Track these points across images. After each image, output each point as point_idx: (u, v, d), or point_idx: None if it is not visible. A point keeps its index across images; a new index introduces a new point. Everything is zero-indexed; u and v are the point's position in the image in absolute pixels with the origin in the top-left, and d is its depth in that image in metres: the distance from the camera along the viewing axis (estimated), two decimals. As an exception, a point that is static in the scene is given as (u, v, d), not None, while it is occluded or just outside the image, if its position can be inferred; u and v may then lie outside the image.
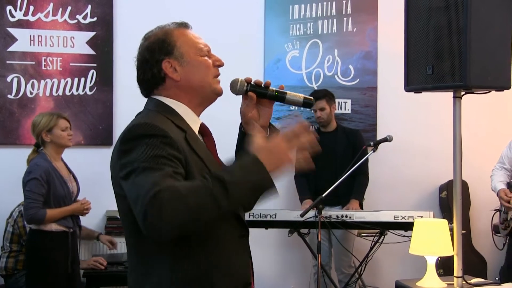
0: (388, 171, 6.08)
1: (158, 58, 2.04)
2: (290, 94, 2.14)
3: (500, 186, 4.92)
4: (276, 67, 6.00)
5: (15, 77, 5.50)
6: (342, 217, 4.65)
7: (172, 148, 1.85)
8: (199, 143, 2.03)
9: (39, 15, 5.55)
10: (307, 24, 6.05)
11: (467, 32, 3.11)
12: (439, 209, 6.15)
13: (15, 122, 5.50)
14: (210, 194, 1.73)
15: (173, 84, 2.05)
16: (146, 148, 1.82)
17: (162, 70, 2.04)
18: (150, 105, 2.08)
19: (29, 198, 4.27)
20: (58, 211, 4.35)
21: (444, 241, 3.54)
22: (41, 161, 4.38)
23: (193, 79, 2.06)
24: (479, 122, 6.07)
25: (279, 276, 5.99)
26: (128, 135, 1.91)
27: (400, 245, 4.52)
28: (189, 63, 2.05)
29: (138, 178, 1.77)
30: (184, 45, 2.07)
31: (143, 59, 2.07)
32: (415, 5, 3.42)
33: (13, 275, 4.97)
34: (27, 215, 4.29)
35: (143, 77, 2.08)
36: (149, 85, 2.08)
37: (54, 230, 4.35)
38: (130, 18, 5.66)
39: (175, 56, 2.04)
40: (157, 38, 2.07)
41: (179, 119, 2.02)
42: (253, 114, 2.16)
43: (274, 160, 1.83)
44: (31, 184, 4.28)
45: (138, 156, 1.82)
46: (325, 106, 5.47)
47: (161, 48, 2.04)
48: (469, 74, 3.12)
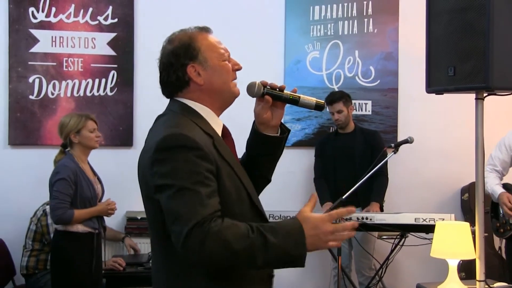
0: (409, 173, 6.04)
1: (184, 62, 2.11)
2: (304, 98, 2.24)
3: (499, 189, 4.74)
4: (296, 68, 5.99)
5: (36, 78, 5.54)
6: (362, 219, 4.62)
7: (205, 161, 1.95)
8: (225, 147, 2.11)
9: (60, 16, 5.59)
10: (327, 25, 6.03)
11: (489, 33, 3.07)
12: (460, 212, 6.10)
13: (37, 123, 5.55)
14: (252, 247, 1.85)
15: (197, 88, 2.13)
16: (181, 163, 1.92)
17: (187, 74, 2.11)
18: (175, 106, 2.14)
19: (57, 198, 4.27)
20: (84, 212, 4.36)
21: (466, 244, 3.50)
22: (68, 161, 4.39)
23: (215, 83, 2.13)
24: (501, 123, 6.00)
25: (298, 278, 5.97)
26: (163, 144, 1.96)
27: (421, 247, 4.48)
28: (212, 68, 2.13)
29: (177, 199, 1.89)
30: (208, 50, 2.14)
31: (168, 62, 2.13)
32: (436, 7, 3.39)
33: (33, 274, 5.01)
34: (54, 216, 4.28)
35: (167, 79, 2.15)
36: (173, 88, 2.15)
37: (80, 231, 4.35)
38: (151, 19, 5.68)
39: (199, 61, 2.11)
40: (182, 43, 2.13)
41: (205, 122, 2.11)
42: (267, 115, 2.26)
43: (315, 236, 1.93)
44: (59, 184, 4.29)
45: (174, 171, 1.91)
46: (342, 108, 5.46)
47: (186, 53, 2.11)
48: (491, 75, 3.08)
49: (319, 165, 5.65)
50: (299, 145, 5.98)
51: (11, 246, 5.24)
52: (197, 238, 1.82)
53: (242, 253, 1.84)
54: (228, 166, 2.04)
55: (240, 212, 2.02)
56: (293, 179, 5.95)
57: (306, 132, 6.00)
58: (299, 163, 5.95)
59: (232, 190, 2.02)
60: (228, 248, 1.83)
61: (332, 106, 5.48)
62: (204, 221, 1.83)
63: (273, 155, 2.34)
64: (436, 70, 3.42)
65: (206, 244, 1.82)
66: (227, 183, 2.00)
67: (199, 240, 1.82)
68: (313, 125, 6.00)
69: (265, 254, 1.85)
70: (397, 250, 4.73)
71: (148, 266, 4.90)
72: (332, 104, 5.48)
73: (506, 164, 4.83)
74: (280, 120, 2.30)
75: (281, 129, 2.32)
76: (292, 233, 1.90)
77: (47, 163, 4.55)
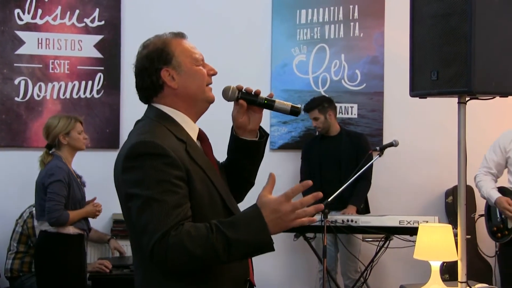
0: (394, 176, 6.08)
1: (157, 66, 2.13)
2: (278, 102, 2.25)
3: (496, 194, 4.68)
4: (283, 71, 6.01)
5: (22, 80, 5.53)
6: (347, 221, 4.65)
7: (174, 168, 1.98)
8: (198, 151, 2.15)
9: (47, 18, 5.58)
10: (314, 29, 6.06)
11: (472, 38, 3.11)
12: (445, 214, 6.14)
13: (22, 125, 5.53)
14: (212, 248, 1.89)
15: (171, 92, 2.15)
16: (150, 172, 1.96)
17: (161, 78, 2.14)
18: (151, 113, 2.18)
19: (53, 200, 4.27)
20: (76, 214, 4.37)
21: (449, 246, 3.53)
22: (61, 163, 4.39)
23: (189, 87, 2.16)
24: (486, 127, 6.06)
25: (284, 281, 5.99)
26: (132, 151, 2.01)
27: (405, 250, 4.52)
28: (186, 72, 2.15)
29: (144, 211, 1.93)
30: (182, 55, 2.16)
31: (142, 67, 2.16)
32: (420, 12, 3.43)
33: (18, 277, 4.99)
34: (51, 218, 4.26)
35: (142, 84, 2.18)
36: (148, 93, 2.18)
37: (71, 233, 4.36)
38: (138, 22, 5.68)
39: (173, 65, 2.14)
40: (156, 47, 2.16)
41: (179, 128, 2.13)
42: (243, 119, 2.28)
43: (277, 219, 1.95)
44: (55, 186, 4.29)
45: (142, 180, 1.96)
46: (318, 116, 5.48)
47: (160, 57, 2.14)
48: (473, 80, 3.12)
49: (306, 168, 5.67)
50: (285, 148, 6.01)
51: (-5, 249, 5.23)
52: (161, 251, 1.88)
53: (204, 256, 1.89)
54: (201, 170, 2.07)
55: (212, 215, 2.03)
56: (279, 182, 5.86)
57: (293, 135, 6.02)
58: (286, 166, 5.96)
59: (204, 193, 2.05)
60: (189, 255, 1.88)
61: (309, 114, 5.55)
62: (167, 232, 1.89)
63: (253, 159, 2.36)
64: (419, 74, 3.46)
65: (168, 256, 1.88)
66: (199, 187, 2.03)
67: (163, 252, 1.88)
68: (299, 128, 6.03)
69: (229, 251, 1.89)
70: (381, 252, 4.76)
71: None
72: (307, 112, 5.56)
73: (501, 166, 4.79)
74: (258, 125, 2.32)
75: (260, 134, 2.34)
76: (253, 223, 1.93)
77: (33, 165, 4.55)
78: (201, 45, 6.46)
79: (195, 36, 6.07)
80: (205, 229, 1.91)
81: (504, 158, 4.75)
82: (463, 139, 3.46)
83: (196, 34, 5.70)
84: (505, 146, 4.73)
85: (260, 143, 2.34)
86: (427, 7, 3.36)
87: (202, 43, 6.22)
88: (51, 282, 4.37)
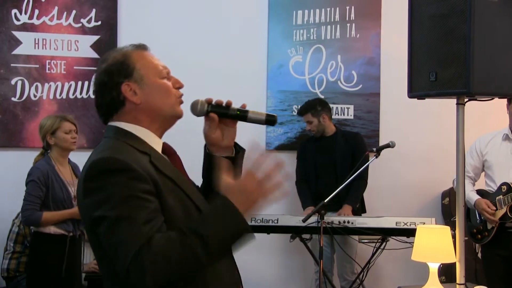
0: (390, 177, 6.08)
1: (118, 81, 1.98)
2: (252, 113, 2.11)
3: (475, 196, 4.72)
4: (279, 72, 6.01)
5: (19, 80, 5.52)
6: (344, 222, 4.65)
7: (140, 182, 1.82)
8: (165, 162, 2.00)
9: (43, 18, 5.57)
10: (310, 30, 6.06)
11: (471, 39, 3.11)
12: (441, 216, 6.15)
13: (19, 125, 5.52)
14: (190, 251, 1.74)
15: (133, 108, 1.99)
16: (114, 190, 1.79)
17: (122, 94, 1.98)
18: (110, 133, 2.01)
19: (26, 200, 4.33)
20: (56, 214, 4.35)
21: (447, 248, 3.53)
22: (42, 163, 4.39)
23: (153, 101, 2.00)
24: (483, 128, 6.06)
25: (280, 282, 5.98)
26: (91, 172, 1.85)
27: (402, 251, 4.52)
28: (149, 86, 2.00)
29: (113, 233, 1.76)
30: (144, 68, 2.01)
31: (102, 82, 2.01)
32: (418, 12, 3.43)
33: (14, 277, 4.99)
34: (23, 217, 4.35)
35: (102, 101, 2.02)
36: (108, 110, 2.02)
37: (52, 233, 4.35)
38: (134, 22, 5.68)
39: (134, 79, 1.99)
40: (116, 61, 2.01)
41: (141, 142, 1.98)
42: (216, 135, 2.14)
43: (246, 200, 1.82)
44: (29, 186, 4.33)
45: (107, 199, 1.79)
46: (311, 119, 5.47)
47: (120, 71, 1.99)
48: (472, 81, 3.12)
49: (301, 168, 5.66)
50: (281, 149, 6.00)
51: (-8, 249, 5.21)
52: (138, 269, 1.71)
53: (183, 261, 1.74)
54: (170, 181, 1.92)
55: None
56: (275, 183, 5.95)
57: (289, 136, 6.02)
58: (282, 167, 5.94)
59: (176, 205, 1.90)
60: (168, 264, 1.73)
61: (302, 117, 5.56)
62: (140, 250, 1.72)
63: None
64: (417, 75, 3.45)
65: (147, 272, 1.70)
66: (170, 198, 1.88)
67: (140, 270, 1.71)
68: (295, 129, 6.02)
69: (207, 248, 1.74)
70: (378, 253, 4.76)
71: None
72: (300, 115, 5.57)
73: (478, 170, 4.84)
74: (233, 140, 2.17)
75: (235, 150, 2.19)
76: (222, 212, 1.80)
77: (29, 165, 4.54)
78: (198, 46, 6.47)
79: (192, 37, 6.09)
80: (177, 234, 1.76)
81: (481, 161, 4.80)
82: (461, 140, 3.46)
83: (192, 35, 5.74)
84: (481, 150, 4.80)
85: (237, 159, 2.17)
86: (425, 7, 3.36)
87: (199, 44, 6.22)
88: (35, 281, 4.40)
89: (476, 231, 4.79)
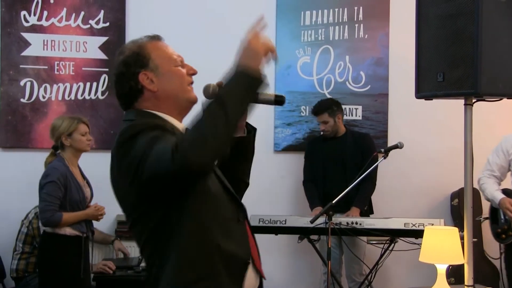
0: (399, 178, 6.06)
1: (135, 71, 2.12)
2: (262, 94, 2.16)
3: (500, 195, 4.71)
4: (287, 73, 6.00)
5: (28, 81, 5.54)
6: (352, 224, 4.64)
7: (165, 131, 1.97)
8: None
9: (52, 20, 5.59)
10: (318, 30, 6.05)
11: (478, 39, 3.10)
12: (450, 217, 6.12)
13: (28, 126, 5.54)
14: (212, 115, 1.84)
15: (151, 95, 2.13)
16: (145, 139, 1.91)
17: (139, 82, 2.12)
18: (130, 116, 2.14)
19: (46, 200, 4.28)
20: (73, 215, 4.36)
21: (455, 249, 3.52)
22: (59, 164, 4.39)
23: (169, 89, 2.14)
24: (492, 128, 6.04)
25: (288, 283, 5.97)
26: (123, 137, 1.98)
27: (410, 252, 4.50)
28: (164, 74, 2.14)
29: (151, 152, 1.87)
30: (158, 57, 2.15)
31: (120, 73, 2.15)
32: (426, 13, 3.42)
33: (23, 277, 5.01)
34: (43, 218, 4.29)
35: (121, 91, 2.16)
36: (128, 99, 2.16)
37: (68, 234, 4.35)
38: (142, 24, 5.68)
39: (150, 68, 2.13)
40: (132, 52, 2.15)
41: (163, 120, 2.11)
42: None
43: (248, 52, 2.00)
44: (49, 187, 4.30)
45: (140, 148, 1.90)
46: (328, 119, 5.44)
47: (136, 61, 2.13)
48: (480, 81, 3.11)
49: (309, 168, 5.64)
50: (289, 150, 5.99)
51: (1, 249, 5.23)
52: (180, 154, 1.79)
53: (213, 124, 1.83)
54: None
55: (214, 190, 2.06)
56: (283, 184, 5.96)
57: (297, 136, 6.01)
58: (290, 167, 5.95)
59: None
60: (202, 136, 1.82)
61: (317, 117, 5.50)
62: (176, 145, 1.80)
63: (244, 157, 2.30)
64: (425, 76, 3.45)
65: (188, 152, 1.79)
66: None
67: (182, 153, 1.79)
68: (303, 129, 6.01)
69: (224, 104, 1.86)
70: (386, 255, 4.74)
71: (138, 270, 4.90)
72: (316, 115, 5.51)
73: (504, 169, 4.82)
74: (245, 120, 2.26)
75: (247, 130, 2.30)
76: (230, 72, 1.96)
77: (38, 166, 4.55)
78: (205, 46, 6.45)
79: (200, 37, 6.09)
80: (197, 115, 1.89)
81: (507, 161, 4.78)
82: (469, 141, 3.45)
83: (199, 35, 5.76)
84: (507, 149, 4.77)
85: (249, 138, 2.29)
86: (433, 8, 3.36)
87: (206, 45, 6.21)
88: (49, 282, 4.39)
89: (500, 231, 4.78)
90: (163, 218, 2.00)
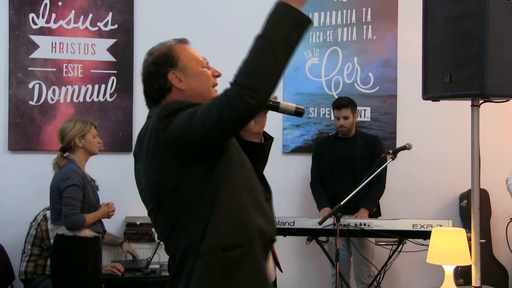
0: (407, 179, 6.05)
1: (164, 70, 2.23)
2: (283, 104, 2.26)
3: None
4: (295, 74, 6.00)
5: (36, 83, 5.56)
6: (360, 225, 4.63)
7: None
8: None
9: (60, 22, 5.61)
10: (326, 32, 6.05)
11: (485, 41, 3.09)
12: (459, 218, 6.10)
13: (36, 128, 5.56)
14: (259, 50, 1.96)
15: (179, 93, 2.23)
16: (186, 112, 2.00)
17: (168, 81, 2.23)
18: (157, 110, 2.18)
19: (70, 204, 4.28)
20: (92, 216, 4.39)
21: (462, 250, 3.51)
22: (75, 167, 4.40)
23: (196, 88, 2.25)
24: (500, 129, 6.02)
25: (297, 284, 5.97)
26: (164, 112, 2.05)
27: (419, 253, 4.49)
28: (192, 74, 2.25)
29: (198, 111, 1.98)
30: (186, 58, 2.26)
31: (150, 72, 2.27)
32: (433, 14, 3.41)
33: (32, 280, 5.02)
34: (68, 222, 4.27)
35: (150, 89, 2.28)
36: (156, 96, 2.27)
37: (88, 236, 4.36)
38: (150, 26, 5.70)
39: (179, 68, 2.24)
40: (162, 53, 2.26)
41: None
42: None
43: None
44: (71, 190, 4.30)
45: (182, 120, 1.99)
46: (349, 115, 5.40)
47: (166, 62, 2.24)
48: (487, 82, 3.10)
49: (317, 169, 5.61)
50: (298, 151, 5.99)
51: (10, 251, 5.25)
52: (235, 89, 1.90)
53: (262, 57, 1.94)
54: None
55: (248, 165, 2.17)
56: (292, 185, 5.95)
57: (305, 138, 6.01)
58: (298, 169, 5.95)
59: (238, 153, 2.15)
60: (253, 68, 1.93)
61: (340, 111, 5.41)
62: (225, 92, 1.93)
63: (259, 162, 2.34)
64: (432, 77, 3.44)
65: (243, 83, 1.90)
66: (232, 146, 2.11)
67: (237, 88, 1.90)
68: (312, 131, 6.01)
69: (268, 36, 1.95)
70: (395, 256, 4.73)
71: (147, 272, 4.91)
72: (340, 109, 5.41)
73: None
74: (263, 127, 2.33)
75: (264, 137, 2.36)
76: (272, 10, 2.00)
77: (47, 168, 4.56)
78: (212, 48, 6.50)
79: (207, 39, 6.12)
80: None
81: None
82: (476, 142, 3.44)
83: (208, 38, 5.76)
84: None
85: (266, 145, 2.35)
86: (440, 9, 3.35)
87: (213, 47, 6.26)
88: (69, 285, 4.36)
89: None
90: (202, 183, 2.04)
